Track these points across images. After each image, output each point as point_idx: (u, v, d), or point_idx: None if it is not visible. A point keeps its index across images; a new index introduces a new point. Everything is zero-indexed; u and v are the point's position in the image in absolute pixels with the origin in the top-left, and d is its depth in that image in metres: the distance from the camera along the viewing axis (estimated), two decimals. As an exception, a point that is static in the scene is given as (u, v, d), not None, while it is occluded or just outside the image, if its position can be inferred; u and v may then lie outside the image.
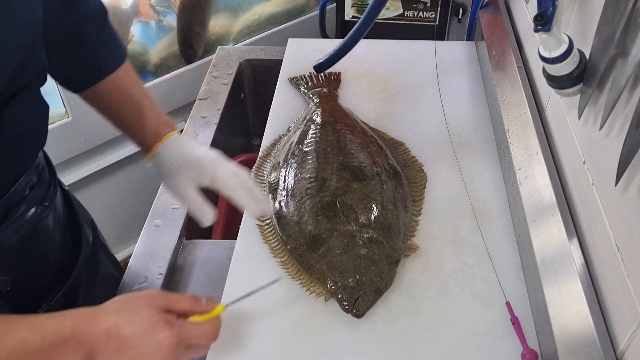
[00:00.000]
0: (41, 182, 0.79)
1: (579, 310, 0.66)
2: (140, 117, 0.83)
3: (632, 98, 0.61)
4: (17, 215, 0.73)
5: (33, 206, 0.76)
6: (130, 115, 0.83)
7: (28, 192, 0.75)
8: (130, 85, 0.83)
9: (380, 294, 0.79)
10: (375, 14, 1.07)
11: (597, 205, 0.69)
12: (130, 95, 0.82)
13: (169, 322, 0.62)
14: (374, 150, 1.00)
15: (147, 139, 0.83)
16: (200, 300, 0.67)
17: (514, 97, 1.01)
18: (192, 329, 0.65)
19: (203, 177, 0.81)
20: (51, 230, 0.81)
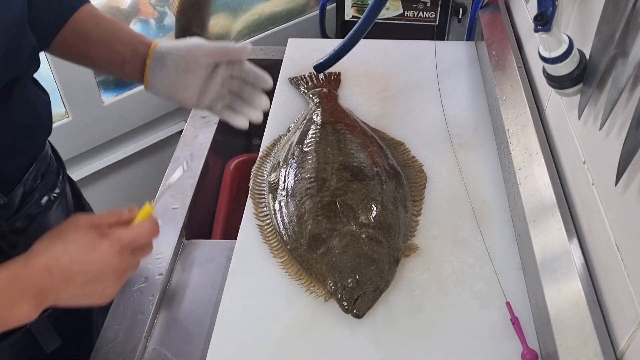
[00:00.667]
0: (50, 171, 0.79)
1: (579, 310, 0.66)
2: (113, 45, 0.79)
3: (632, 98, 0.61)
4: (32, 202, 0.74)
5: (45, 194, 0.77)
6: (105, 44, 0.80)
7: (40, 181, 0.76)
8: (95, 19, 0.80)
9: (380, 293, 0.79)
10: (375, 14, 1.07)
11: (597, 205, 0.69)
12: (100, 26, 0.79)
13: (103, 234, 0.61)
14: (374, 150, 1.00)
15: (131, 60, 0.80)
16: (122, 212, 0.65)
17: (514, 97, 1.01)
18: (129, 232, 0.63)
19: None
20: (63, 218, 0.81)
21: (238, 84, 0.83)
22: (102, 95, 1.46)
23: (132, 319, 0.83)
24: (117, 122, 1.53)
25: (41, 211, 0.75)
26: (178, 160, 1.10)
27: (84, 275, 0.59)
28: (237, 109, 0.84)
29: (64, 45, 0.79)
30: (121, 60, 0.79)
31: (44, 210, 0.76)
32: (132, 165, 1.67)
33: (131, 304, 0.85)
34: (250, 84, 0.83)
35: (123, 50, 0.79)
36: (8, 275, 0.56)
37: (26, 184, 0.72)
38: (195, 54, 0.78)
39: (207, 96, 0.81)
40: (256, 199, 0.96)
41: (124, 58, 0.79)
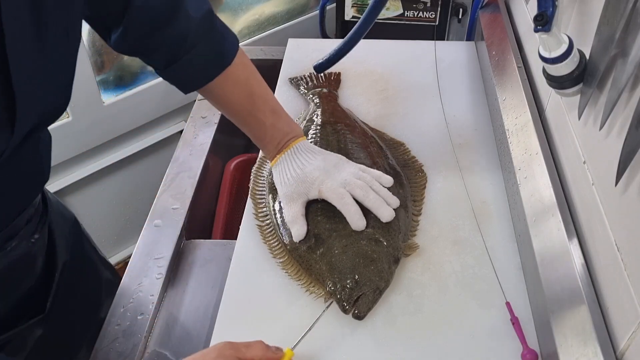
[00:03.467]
0: (36, 214, 0.78)
1: (579, 310, 0.66)
2: (257, 128, 0.88)
3: (632, 98, 0.61)
4: (11, 247, 0.72)
5: (25, 239, 0.76)
6: (246, 123, 0.88)
7: (24, 225, 0.75)
8: (243, 92, 0.85)
9: (380, 293, 0.79)
10: (375, 14, 1.07)
11: (597, 205, 0.69)
12: (243, 104, 0.86)
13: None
14: (374, 150, 1.00)
15: (266, 144, 0.89)
16: (269, 348, 0.68)
17: (514, 97, 1.01)
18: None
19: (310, 191, 0.86)
20: (35, 260, 0.80)
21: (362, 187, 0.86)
22: (102, 95, 1.46)
23: (132, 319, 0.83)
24: (117, 122, 1.54)
25: (14, 255, 0.74)
26: (178, 160, 1.10)
27: None
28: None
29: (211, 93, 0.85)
30: (262, 135, 0.89)
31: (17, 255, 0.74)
32: (132, 165, 1.67)
33: (131, 304, 0.85)
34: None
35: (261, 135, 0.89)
36: None
37: (12, 229, 0.71)
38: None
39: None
40: (256, 199, 0.96)
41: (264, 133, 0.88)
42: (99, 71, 1.44)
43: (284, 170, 0.87)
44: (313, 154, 0.88)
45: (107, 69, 1.47)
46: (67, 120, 1.42)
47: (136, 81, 1.53)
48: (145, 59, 0.80)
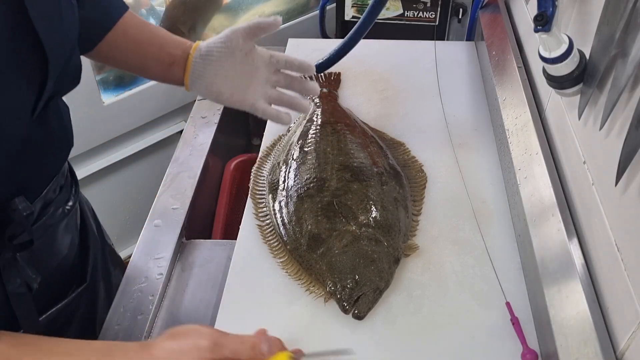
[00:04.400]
0: (67, 183, 0.80)
1: (579, 310, 0.66)
2: (163, 46, 0.82)
3: (632, 98, 0.61)
4: (49, 214, 0.74)
5: (60, 206, 0.77)
6: (156, 45, 0.82)
7: (58, 193, 0.76)
8: (140, 24, 0.82)
9: (380, 293, 0.79)
10: (375, 14, 1.07)
11: (597, 205, 0.69)
12: (143, 34, 0.82)
13: None
14: (374, 150, 1.00)
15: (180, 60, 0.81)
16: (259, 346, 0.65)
17: (514, 97, 1.01)
18: None
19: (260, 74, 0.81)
20: (70, 231, 0.82)
21: (285, 78, 0.84)
22: (102, 95, 1.46)
23: (132, 319, 0.83)
24: (117, 122, 1.53)
25: (53, 223, 0.76)
26: (178, 160, 1.10)
27: None
28: (285, 105, 0.85)
29: (111, 49, 0.81)
30: (171, 60, 0.81)
31: (55, 223, 0.76)
32: (132, 165, 1.67)
33: (131, 304, 0.85)
34: (297, 75, 0.85)
35: (173, 50, 0.81)
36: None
37: (47, 195, 0.73)
38: (234, 38, 0.79)
39: (252, 90, 0.81)
40: (256, 199, 0.96)
41: (174, 58, 0.81)
42: (99, 71, 1.44)
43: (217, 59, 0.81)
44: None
45: (107, 69, 1.47)
46: (67, 120, 1.42)
47: (136, 81, 1.53)
48: None
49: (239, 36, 0.79)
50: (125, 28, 0.80)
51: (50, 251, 0.77)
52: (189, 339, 0.62)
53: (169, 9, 1.59)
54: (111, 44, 0.80)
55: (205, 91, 0.81)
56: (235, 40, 0.79)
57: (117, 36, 0.80)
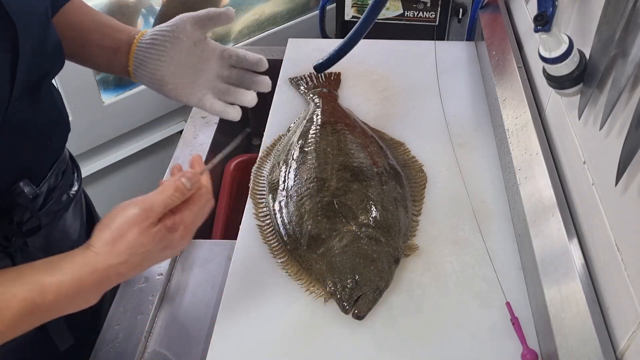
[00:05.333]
0: (68, 169, 0.80)
1: (579, 310, 0.66)
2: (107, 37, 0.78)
3: (632, 98, 0.61)
4: (55, 199, 0.74)
5: (65, 192, 0.77)
6: (99, 32, 0.79)
7: (61, 178, 0.76)
8: (85, 11, 0.79)
9: (380, 293, 0.79)
10: (375, 14, 1.07)
11: (597, 205, 0.69)
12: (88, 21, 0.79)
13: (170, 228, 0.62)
14: (374, 150, 1.00)
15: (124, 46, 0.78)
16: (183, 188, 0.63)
17: (514, 97, 1.01)
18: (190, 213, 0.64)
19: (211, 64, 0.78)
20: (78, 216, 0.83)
21: (237, 73, 0.81)
22: (102, 95, 1.46)
23: (132, 319, 0.83)
24: (117, 122, 1.53)
25: (60, 208, 0.76)
26: (178, 160, 1.10)
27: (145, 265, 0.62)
28: (231, 98, 0.81)
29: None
30: (115, 47, 0.78)
31: (61, 208, 0.77)
32: (132, 165, 1.67)
33: (131, 304, 0.85)
34: (249, 70, 0.82)
35: (118, 36, 0.78)
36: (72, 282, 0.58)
37: (51, 180, 0.73)
38: (181, 24, 0.76)
39: (200, 84, 0.78)
40: (256, 199, 0.96)
41: (117, 44, 0.78)
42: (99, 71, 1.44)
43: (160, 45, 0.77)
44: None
45: (107, 69, 1.47)
46: (67, 120, 1.42)
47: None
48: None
49: (187, 22, 0.76)
50: (69, 16, 0.77)
51: (61, 237, 0.78)
52: (118, 218, 0.61)
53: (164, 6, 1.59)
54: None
55: (149, 79, 0.77)
56: (182, 26, 0.75)
57: (59, 23, 0.76)
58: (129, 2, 1.50)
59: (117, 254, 0.59)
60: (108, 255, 0.59)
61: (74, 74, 1.34)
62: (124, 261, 0.59)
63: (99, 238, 0.60)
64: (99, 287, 0.60)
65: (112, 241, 0.59)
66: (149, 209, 0.61)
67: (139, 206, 0.61)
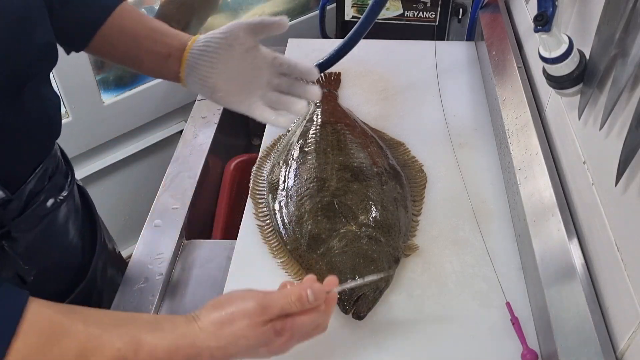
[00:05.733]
0: (59, 172, 0.79)
1: (579, 310, 0.66)
2: (159, 43, 0.79)
3: (632, 98, 0.61)
4: (38, 204, 0.73)
5: (52, 196, 0.76)
6: (152, 37, 0.79)
7: (47, 182, 0.75)
8: (137, 16, 0.80)
9: (380, 293, 0.79)
10: (375, 14, 1.07)
11: (597, 205, 0.69)
12: (140, 27, 0.79)
13: (277, 332, 0.62)
14: (374, 150, 1.00)
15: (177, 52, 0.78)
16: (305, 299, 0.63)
17: (514, 97, 1.01)
18: (301, 325, 0.63)
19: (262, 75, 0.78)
20: (70, 222, 0.81)
21: (287, 81, 0.81)
22: (102, 95, 1.46)
23: (132, 319, 0.83)
24: (117, 122, 1.54)
25: (47, 213, 0.75)
26: (178, 160, 1.10)
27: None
28: (282, 106, 0.81)
29: (106, 43, 0.78)
30: (167, 53, 0.78)
31: (49, 213, 0.75)
32: (132, 165, 1.67)
33: (131, 304, 0.85)
34: (299, 79, 0.82)
35: (170, 42, 0.78)
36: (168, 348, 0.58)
37: (32, 184, 0.72)
38: (235, 30, 0.76)
39: (250, 91, 0.78)
40: (256, 199, 0.96)
41: (170, 50, 0.78)
42: (99, 71, 1.44)
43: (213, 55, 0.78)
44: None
45: (107, 68, 1.47)
46: (67, 120, 1.42)
47: (136, 81, 1.53)
48: None
49: (240, 30, 0.76)
50: (120, 21, 0.78)
51: (48, 243, 0.76)
52: (234, 305, 0.61)
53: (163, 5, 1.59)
54: (105, 37, 0.78)
55: (200, 85, 0.78)
56: (236, 33, 0.76)
57: (112, 29, 0.77)
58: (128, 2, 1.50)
59: (219, 338, 0.60)
60: (211, 336, 0.60)
61: (74, 74, 1.34)
62: (223, 347, 0.60)
63: (208, 316, 0.61)
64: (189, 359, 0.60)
65: (220, 324, 0.60)
66: (266, 307, 0.61)
67: (258, 301, 0.62)
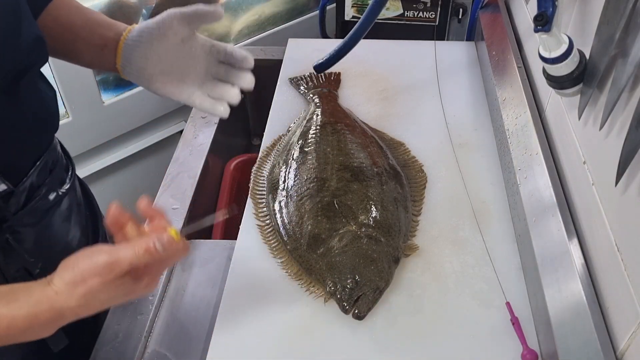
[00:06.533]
0: (59, 166, 0.79)
1: (579, 310, 0.66)
2: (95, 34, 0.78)
3: (632, 98, 0.61)
4: (40, 197, 0.73)
5: (54, 189, 0.76)
6: (88, 28, 0.78)
7: (48, 176, 0.75)
8: (73, 7, 0.78)
9: (380, 293, 0.79)
10: (375, 14, 1.07)
11: (597, 205, 0.69)
12: (75, 17, 0.77)
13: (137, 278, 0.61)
14: (374, 150, 1.00)
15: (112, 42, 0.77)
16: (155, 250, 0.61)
17: (514, 97, 1.01)
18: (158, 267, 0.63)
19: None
20: (72, 215, 0.81)
21: (225, 69, 0.80)
22: (102, 95, 1.46)
23: (132, 319, 0.83)
24: (117, 122, 1.54)
25: (49, 207, 0.75)
26: (178, 160, 1.10)
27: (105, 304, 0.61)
28: (217, 94, 0.80)
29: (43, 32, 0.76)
30: (102, 43, 0.77)
31: (52, 207, 0.76)
32: (132, 165, 1.67)
33: (131, 304, 0.85)
34: (237, 67, 0.81)
35: (105, 32, 0.77)
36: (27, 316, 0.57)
37: (33, 177, 0.72)
38: (168, 20, 0.74)
39: (189, 80, 0.77)
40: (256, 199, 0.96)
41: (105, 41, 0.77)
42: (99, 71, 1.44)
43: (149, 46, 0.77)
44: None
45: (107, 68, 1.47)
46: (67, 120, 1.42)
47: (136, 81, 1.53)
48: None
49: (174, 19, 0.75)
50: (56, 12, 0.76)
51: (52, 236, 0.77)
52: (84, 263, 0.59)
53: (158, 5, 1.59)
54: (42, 28, 0.75)
55: (137, 76, 0.76)
56: (169, 23, 0.74)
57: (47, 20, 0.75)
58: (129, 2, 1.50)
59: (76, 298, 0.58)
60: (67, 297, 0.58)
61: (74, 74, 1.34)
62: (83, 304, 0.59)
63: (61, 277, 0.59)
64: (53, 323, 0.59)
65: (73, 284, 0.58)
66: (115, 263, 0.59)
67: (105, 257, 0.59)
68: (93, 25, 0.78)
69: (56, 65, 1.30)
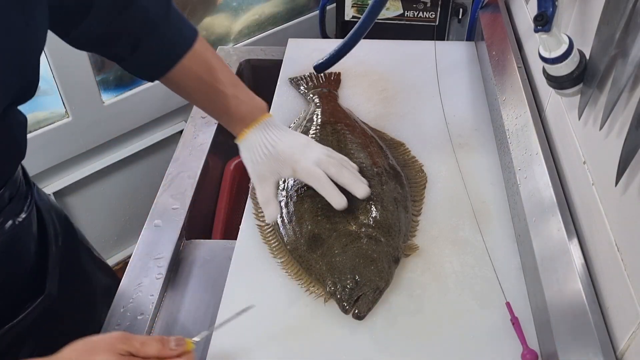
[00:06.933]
0: (19, 194, 0.78)
1: (579, 310, 0.66)
2: (219, 101, 0.84)
3: (632, 98, 0.61)
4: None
5: (10, 218, 0.75)
6: (208, 98, 0.85)
7: (7, 204, 0.74)
8: (205, 68, 0.82)
9: (380, 293, 0.79)
10: (375, 14, 1.07)
11: (597, 205, 0.69)
12: (204, 79, 0.83)
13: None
14: (374, 150, 1.00)
15: (231, 116, 0.86)
16: (167, 342, 0.64)
17: (514, 97, 1.01)
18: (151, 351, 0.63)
19: (283, 170, 0.85)
20: (27, 242, 0.80)
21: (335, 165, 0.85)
22: (102, 95, 1.46)
23: (132, 319, 0.83)
24: (117, 122, 1.54)
25: (4, 235, 0.74)
26: (178, 160, 1.10)
27: None
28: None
29: (172, 81, 0.82)
30: (226, 107, 0.85)
31: (7, 234, 0.74)
32: (132, 165, 1.67)
33: (131, 304, 0.85)
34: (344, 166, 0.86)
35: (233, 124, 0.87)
36: None
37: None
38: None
39: None
40: (256, 199, 0.96)
41: (228, 105, 0.85)
42: (99, 71, 1.44)
43: (254, 147, 0.85)
44: (283, 132, 0.86)
45: (107, 69, 1.47)
46: (67, 120, 1.42)
47: (136, 81, 1.53)
48: (108, 51, 0.78)
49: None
50: (188, 66, 0.81)
51: (5, 262, 0.75)
52: (98, 337, 0.61)
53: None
54: (172, 78, 0.82)
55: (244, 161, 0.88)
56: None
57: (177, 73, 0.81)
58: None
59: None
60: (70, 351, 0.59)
61: (74, 74, 1.34)
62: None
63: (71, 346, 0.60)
64: None
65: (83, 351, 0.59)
66: (128, 338, 0.61)
67: (121, 333, 0.62)
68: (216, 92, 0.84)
69: (56, 66, 1.30)
